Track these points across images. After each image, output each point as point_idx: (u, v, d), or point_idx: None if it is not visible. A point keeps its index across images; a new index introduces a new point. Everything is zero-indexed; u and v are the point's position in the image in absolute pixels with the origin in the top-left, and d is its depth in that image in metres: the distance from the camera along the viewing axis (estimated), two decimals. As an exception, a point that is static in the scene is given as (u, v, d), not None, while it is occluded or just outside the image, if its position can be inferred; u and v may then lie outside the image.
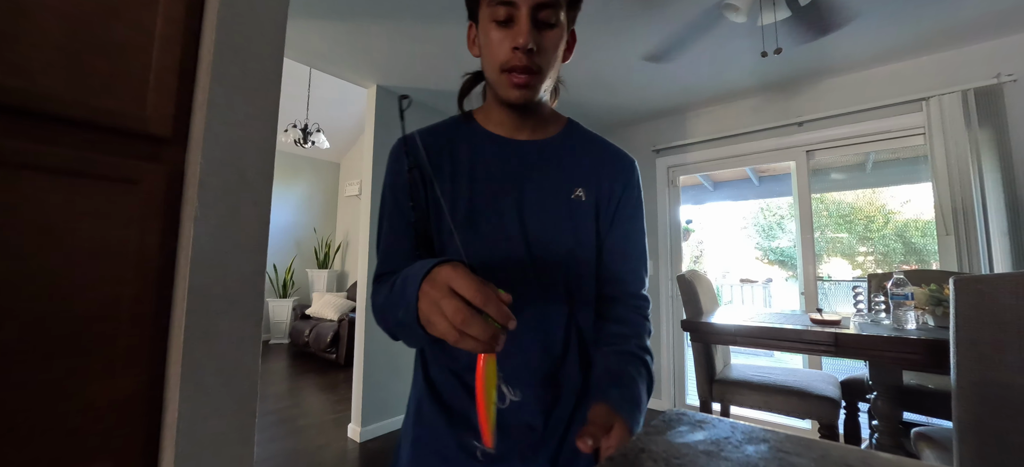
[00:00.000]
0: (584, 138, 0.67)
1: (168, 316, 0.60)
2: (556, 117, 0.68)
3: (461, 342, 0.38)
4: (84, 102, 0.54)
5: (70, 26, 0.54)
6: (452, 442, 0.57)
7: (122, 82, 0.57)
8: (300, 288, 5.72)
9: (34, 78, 0.51)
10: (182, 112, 0.62)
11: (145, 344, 0.58)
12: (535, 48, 0.53)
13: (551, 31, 0.55)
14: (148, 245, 0.58)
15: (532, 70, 0.54)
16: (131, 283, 0.57)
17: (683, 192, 3.46)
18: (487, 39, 0.56)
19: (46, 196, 0.51)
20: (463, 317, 0.37)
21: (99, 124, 0.55)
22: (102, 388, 0.55)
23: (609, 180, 0.64)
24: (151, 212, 0.59)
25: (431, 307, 0.40)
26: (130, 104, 0.57)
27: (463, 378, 0.58)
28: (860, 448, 0.37)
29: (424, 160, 0.61)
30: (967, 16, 2.04)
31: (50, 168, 0.52)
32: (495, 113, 0.63)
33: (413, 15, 2.05)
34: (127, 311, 0.57)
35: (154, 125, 0.59)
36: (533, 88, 0.56)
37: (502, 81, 0.56)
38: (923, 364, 1.27)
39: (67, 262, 0.52)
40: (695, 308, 1.93)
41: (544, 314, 0.59)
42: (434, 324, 0.40)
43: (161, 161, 0.61)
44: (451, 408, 0.58)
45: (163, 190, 0.60)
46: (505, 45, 0.54)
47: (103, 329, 0.55)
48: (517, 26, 0.53)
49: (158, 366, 0.59)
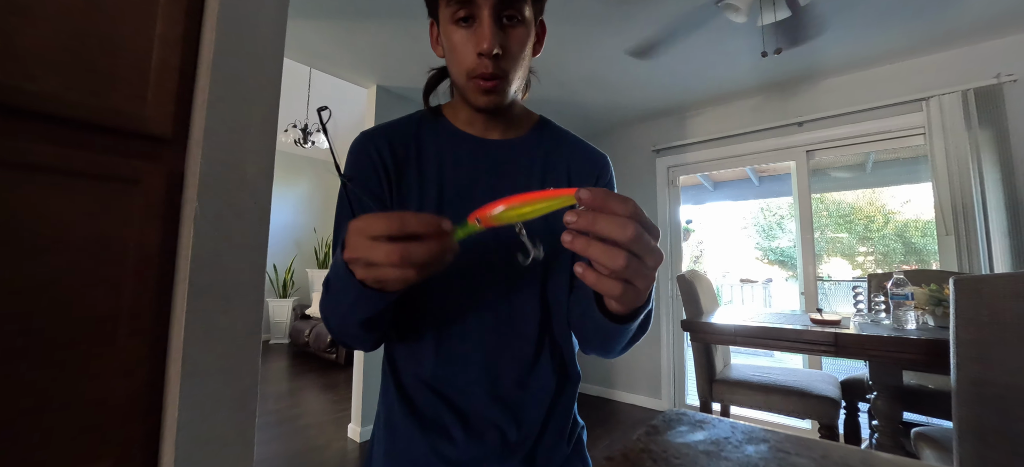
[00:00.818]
0: (556, 136, 0.65)
1: (168, 316, 0.60)
2: (527, 115, 0.65)
3: (421, 274, 0.34)
4: (84, 102, 0.54)
5: (70, 26, 0.54)
6: (425, 449, 0.55)
7: (122, 82, 0.57)
8: (300, 288, 5.72)
9: (34, 78, 0.51)
10: (182, 112, 0.62)
11: (145, 344, 0.58)
12: (500, 51, 0.50)
13: (517, 29, 0.51)
14: (148, 245, 0.58)
15: (499, 75, 0.51)
16: (131, 283, 0.57)
17: (683, 192, 3.46)
18: (449, 42, 0.52)
19: (46, 196, 0.51)
20: (400, 252, 0.33)
21: (99, 124, 0.55)
22: (102, 388, 0.55)
23: (581, 179, 0.63)
24: (151, 212, 0.59)
25: (366, 268, 0.36)
26: (130, 104, 0.57)
27: (433, 384, 0.56)
28: (860, 448, 0.37)
29: (384, 161, 0.57)
30: (967, 16, 2.04)
31: (50, 168, 0.52)
32: (463, 111, 0.61)
33: (413, 15, 2.05)
34: (127, 311, 0.57)
35: (154, 125, 0.59)
36: (502, 92, 0.53)
37: (469, 87, 0.53)
38: (923, 364, 1.27)
39: (67, 262, 0.52)
40: (695, 308, 1.93)
41: (515, 317, 0.57)
42: (385, 280, 0.36)
43: (161, 161, 0.61)
44: (423, 415, 0.56)
45: (163, 190, 0.60)
46: (469, 49, 0.51)
47: (103, 329, 0.55)
48: (479, 28, 0.49)
49: (158, 366, 0.59)
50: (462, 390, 0.56)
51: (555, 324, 0.60)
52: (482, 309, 0.56)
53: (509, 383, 0.56)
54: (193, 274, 0.59)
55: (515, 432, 0.56)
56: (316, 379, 3.93)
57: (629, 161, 3.53)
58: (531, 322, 0.58)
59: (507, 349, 0.57)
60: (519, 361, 0.57)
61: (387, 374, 0.61)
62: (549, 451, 0.58)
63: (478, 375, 0.56)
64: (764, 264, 6.90)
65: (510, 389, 0.56)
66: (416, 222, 0.33)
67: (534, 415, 0.57)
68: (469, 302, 0.56)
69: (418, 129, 0.61)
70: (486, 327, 0.56)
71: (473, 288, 0.56)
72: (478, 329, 0.56)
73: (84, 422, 0.53)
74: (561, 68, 2.57)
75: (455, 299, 0.56)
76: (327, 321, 0.52)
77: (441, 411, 0.56)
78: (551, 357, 0.59)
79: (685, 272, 2.03)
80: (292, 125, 3.91)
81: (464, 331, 0.56)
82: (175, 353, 0.59)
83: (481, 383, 0.56)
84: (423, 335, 0.57)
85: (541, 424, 0.58)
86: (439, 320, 0.56)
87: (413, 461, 0.55)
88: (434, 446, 0.55)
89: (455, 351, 0.56)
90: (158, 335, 0.59)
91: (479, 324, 0.56)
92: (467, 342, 0.56)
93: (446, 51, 0.55)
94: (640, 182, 3.48)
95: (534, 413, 0.57)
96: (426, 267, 0.34)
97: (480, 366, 0.56)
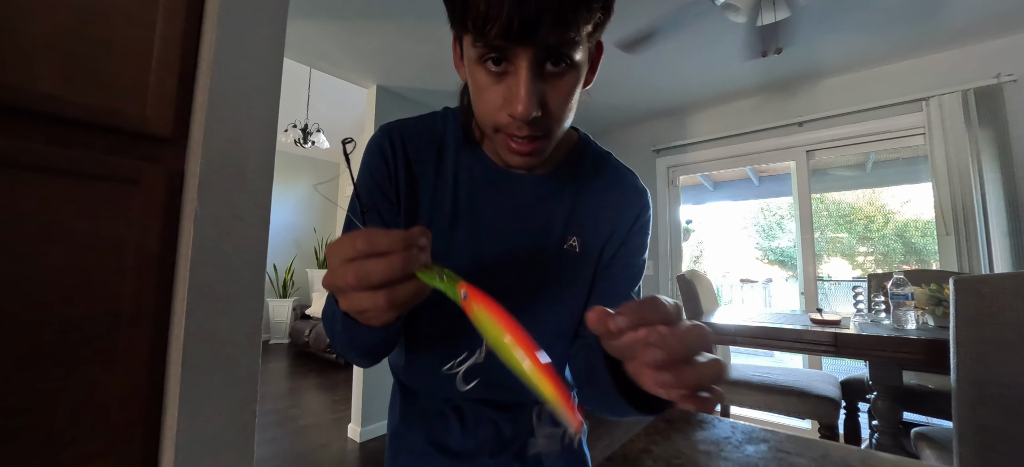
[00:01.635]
0: (592, 167, 0.57)
1: (168, 316, 0.60)
2: (564, 137, 0.54)
3: (394, 302, 0.29)
4: (84, 102, 0.54)
5: (70, 26, 0.54)
6: (422, 439, 0.57)
7: (122, 82, 0.57)
8: (300, 288, 5.72)
9: (34, 78, 0.51)
10: (182, 112, 0.62)
11: (145, 344, 0.58)
12: (540, 112, 0.39)
13: (565, 77, 0.39)
14: (148, 245, 0.58)
15: (536, 137, 0.41)
16: (131, 283, 0.57)
17: (683, 192, 3.46)
18: (475, 83, 0.41)
19: (46, 196, 0.51)
20: (356, 271, 0.28)
21: (99, 124, 0.55)
22: (102, 388, 0.55)
23: (614, 223, 0.55)
24: (151, 212, 0.59)
25: (346, 298, 0.30)
26: (130, 104, 0.57)
27: (426, 378, 0.58)
28: (860, 448, 0.37)
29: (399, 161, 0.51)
30: (967, 16, 2.04)
31: (50, 168, 0.52)
32: None
33: (413, 15, 2.05)
34: (127, 311, 0.57)
35: (154, 125, 0.59)
36: (539, 155, 0.44)
37: (498, 141, 0.44)
38: (923, 364, 1.27)
39: (67, 262, 0.52)
40: (695, 308, 1.93)
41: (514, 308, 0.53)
42: (364, 310, 0.30)
43: (161, 161, 0.61)
44: (424, 408, 0.58)
45: (163, 190, 0.60)
46: (497, 102, 0.40)
47: (103, 329, 0.55)
48: (514, 83, 0.38)
49: (158, 366, 0.59)
50: (456, 388, 0.55)
51: (555, 343, 0.56)
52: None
53: (504, 383, 0.54)
54: (193, 274, 0.59)
55: (509, 428, 0.57)
56: (316, 379, 3.93)
57: (629, 161, 3.50)
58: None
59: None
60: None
61: (392, 368, 0.63)
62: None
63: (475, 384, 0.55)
64: (764, 264, 6.90)
65: (505, 389, 0.56)
66: (386, 240, 0.28)
67: (527, 413, 0.59)
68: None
69: (444, 136, 0.53)
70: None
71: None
72: (469, 333, 0.52)
73: (84, 422, 0.53)
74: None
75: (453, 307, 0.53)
76: (333, 339, 0.48)
77: (439, 404, 0.58)
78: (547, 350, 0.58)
79: (685, 272, 2.03)
80: (292, 125, 3.91)
81: (462, 333, 0.53)
82: (175, 353, 0.59)
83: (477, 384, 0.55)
84: (421, 336, 0.56)
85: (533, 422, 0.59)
86: (438, 323, 0.54)
87: (411, 449, 0.58)
88: (431, 436, 0.57)
89: (448, 352, 0.54)
90: (158, 335, 0.59)
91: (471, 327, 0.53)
92: (460, 343, 0.53)
93: (471, 89, 0.44)
94: (640, 182, 3.48)
95: (528, 411, 0.59)
96: (395, 295, 0.29)
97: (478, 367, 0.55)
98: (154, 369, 0.59)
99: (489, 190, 0.53)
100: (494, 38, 0.35)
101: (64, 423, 0.52)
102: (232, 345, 0.63)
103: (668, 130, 3.37)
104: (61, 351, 0.52)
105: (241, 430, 0.64)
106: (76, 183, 0.53)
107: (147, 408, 0.58)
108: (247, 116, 0.66)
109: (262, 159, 0.68)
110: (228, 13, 0.64)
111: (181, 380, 0.58)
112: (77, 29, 0.54)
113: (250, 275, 0.66)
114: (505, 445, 0.58)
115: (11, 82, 0.49)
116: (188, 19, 0.63)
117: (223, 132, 0.63)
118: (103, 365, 0.55)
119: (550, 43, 0.36)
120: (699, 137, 3.19)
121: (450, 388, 0.54)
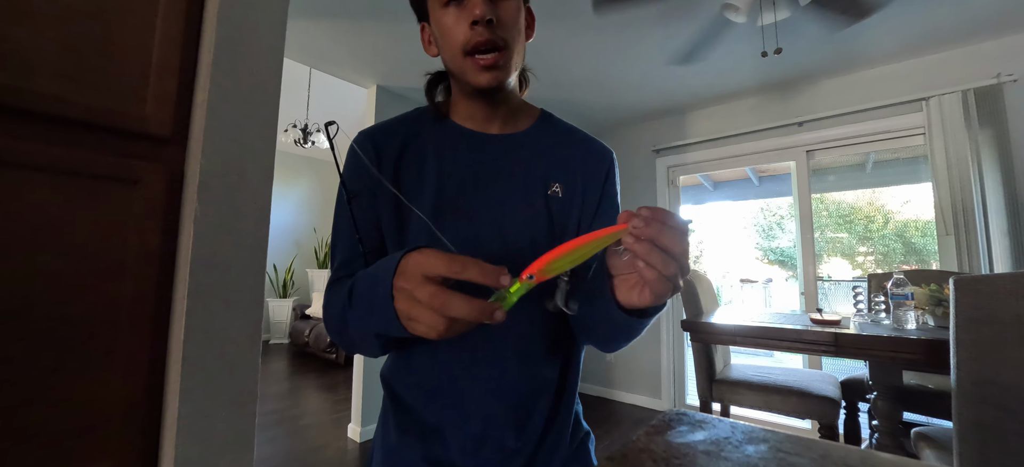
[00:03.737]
0: (559, 129, 0.63)
1: (168, 316, 0.60)
2: (528, 108, 0.63)
3: (451, 330, 0.34)
4: (84, 102, 0.54)
5: (70, 26, 0.54)
6: (420, 458, 0.54)
7: (122, 82, 0.57)
8: (300, 288, 5.72)
9: (34, 78, 0.51)
10: (182, 112, 0.62)
11: (145, 344, 0.58)
12: (494, 19, 0.48)
13: (507, 2, 0.51)
14: (148, 245, 0.58)
15: (498, 45, 0.50)
16: (131, 283, 0.57)
17: (683, 192, 3.46)
18: (441, 27, 0.51)
19: (46, 196, 0.51)
20: (441, 299, 0.33)
21: (99, 124, 0.55)
22: (102, 388, 0.55)
23: (589, 172, 0.60)
24: (151, 212, 0.59)
25: (408, 302, 0.35)
26: (130, 104, 0.57)
27: (427, 388, 0.55)
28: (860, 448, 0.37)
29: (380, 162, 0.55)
30: (967, 16, 2.04)
31: (50, 168, 0.52)
32: (463, 106, 0.58)
33: (413, 15, 2.05)
34: (127, 311, 0.57)
35: (154, 125, 0.59)
36: (503, 67, 0.51)
37: (467, 66, 0.51)
38: (923, 364, 1.27)
39: (67, 262, 0.52)
40: (695, 308, 1.93)
41: (520, 317, 0.53)
42: (416, 320, 0.35)
43: (161, 161, 0.61)
44: (422, 422, 0.55)
45: (163, 190, 0.60)
46: (462, 25, 0.49)
47: (103, 329, 0.55)
48: (471, 1, 0.48)
49: (158, 366, 0.59)
50: (459, 398, 0.54)
51: (556, 329, 0.58)
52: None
53: (514, 394, 0.55)
54: (193, 274, 0.59)
55: (513, 440, 0.54)
56: (316, 379, 3.93)
57: (629, 161, 3.53)
58: (536, 321, 0.56)
59: (513, 354, 0.55)
60: (527, 366, 0.55)
61: (384, 381, 0.60)
62: (549, 455, 0.57)
63: (475, 383, 0.54)
64: (764, 264, 6.90)
65: (512, 400, 0.55)
66: (476, 271, 0.33)
67: (533, 427, 0.56)
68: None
69: (417, 125, 0.59)
70: (484, 335, 0.54)
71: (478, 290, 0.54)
72: (474, 337, 0.54)
73: (84, 422, 0.53)
74: (560, 68, 2.57)
75: None
76: (332, 322, 0.51)
77: (439, 417, 0.55)
78: (551, 359, 0.58)
79: (685, 272, 2.03)
80: (292, 125, 3.91)
81: (461, 338, 0.53)
82: (175, 353, 0.59)
83: (479, 391, 0.54)
84: (420, 343, 0.55)
85: (541, 432, 0.56)
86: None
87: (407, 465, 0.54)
88: (429, 454, 0.54)
89: (452, 359, 0.55)
90: (158, 335, 0.59)
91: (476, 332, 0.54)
92: (464, 350, 0.54)
93: (438, 40, 0.53)
94: (640, 182, 3.48)
95: (535, 420, 0.56)
96: (457, 324, 0.34)
97: (478, 374, 0.54)
98: (154, 369, 0.59)
99: (468, 154, 0.57)
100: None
101: (64, 423, 0.52)
102: (232, 345, 0.63)
103: (668, 130, 3.37)
104: (61, 351, 0.52)
105: (241, 430, 0.64)
106: (76, 183, 0.53)
107: (147, 408, 0.58)
108: (247, 116, 0.66)
109: (262, 159, 0.68)
110: (228, 13, 0.64)
111: (181, 380, 0.58)
112: (77, 29, 0.54)
113: (250, 275, 0.66)
114: (509, 458, 0.55)
115: (11, 82, 0.49)
116: (188, 19, 0.63)
117: (223, 132, 0.63)
118: (103, 365, 0.55)
119: None
120: (699, 137, 3.19)
121: (443, 386, 0.54)
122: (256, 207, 0.67)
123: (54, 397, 0.52)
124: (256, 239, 0.67)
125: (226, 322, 0.63)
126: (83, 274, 0.54)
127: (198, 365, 0.59)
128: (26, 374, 0.50)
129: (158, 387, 0.59)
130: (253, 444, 0.65)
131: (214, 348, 0.61)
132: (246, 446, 0.64)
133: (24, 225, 0.50)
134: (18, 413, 0.49)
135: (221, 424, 0.62)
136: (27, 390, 0.50)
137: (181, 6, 0.62)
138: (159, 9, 0.61)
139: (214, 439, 0.61)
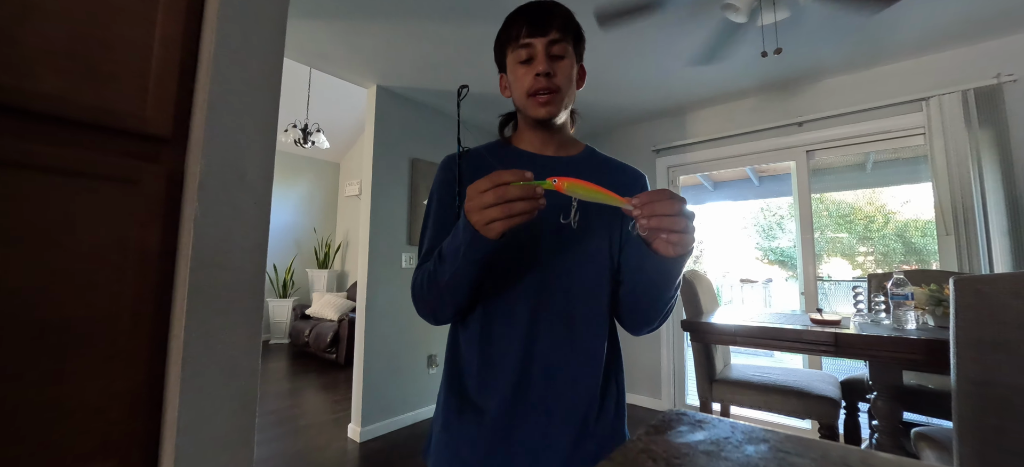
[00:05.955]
0: (601, 158, 0.81)
1: (168, 316, 0.60)
2: (575, 142, 0.81)
3: (514, 212, 0.50)
4: (84, 102, 0.54)
5: (70, 26, 0.54)
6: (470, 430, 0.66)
7: (122, 82, 0.57)
8: (300, 288, 5.72)
9: (34, 78, 0.51)
10: (182, 112, 0.62)
11: (145, 344, 0.58)
12: (552, 72, 0.68)
13: (563, 61, 0.70)
14: (148, 245, 0.58)
15: (552, 89, 0.68)
16: (131, 283, 0.57)
17: (683, 192, 3.46)
18: (515, 76, 0.71)
19: (46, 196, 0.51)
20: (499, 191, 0.50)
21: (99, 124, 0.55)
22: (103, 388, 0.55)
23: (626, 191, 0.72)
24: (151, 212, 0.59)
25: (478, 213, 0.52)
26: (130, 104, 0.57)
27: (485, 360, 0.68)
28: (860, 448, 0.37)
29: (460, 177, 0.72)
30: (967, 15, 2.04)
31: (50, 168, 0.52)
32: (526, 135, 0.77)
33: (413, 15, 2.05)
34: (127, 311, 0.57)
35: (154, 125, 0.59)
36: (555, 104, 0.69)
37: (529, 104, 0.70)
38: (923, 364, 1.27)
39: (67, 262, 0.52)
40: (695, 308, 1.93)
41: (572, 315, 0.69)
42: (490, 219, 0.51)
43: (161, 161, 0.61)
44: (464, 393, 0.68)
45: (163, 190, 0.60)
46: (528, 76, 0.69)
47: (103, 329, 0.55)
48: (536, 60, 0.68)
49: (158, 366, 0.59)
50: (512, 366, 0.66)
51: (600, 281, 0.71)
52: (527, 290, 0.68)
53: (559, 358, 0.67)
54: (193, 274, 0.59)
55: (568, 401, 0.66)
56: (316, 379, 3.93)
57: (629, 161, 3.49)
58: (579, 299, 0.69)
59: (557, 324, 0.68)
60: (571, 334, 0.68)
61: (446, 361, 0.73)
62: (597, 417, 0.68)
63: (526, 351, 0.66)
64: (764, 264, 6.90)
65: (560, 364, 0.67)
66: (510, 174, 0.51)
67: (588, 385, 0.67)
68: (516, 287, 0.68)
69: (489, 152, 0.76)
70: (533, 305, 0.67)
71: (518, 270, 0.68)
72: (525, 309, 0.67)
73: (84, 422, 0.53)
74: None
75: (503, 282, 0.68)
76: (420, 290, 0.66)
77: (485, 387, 0.67)
78: (598, 328, 0.70)
79: (685, 272, 2.03)
80: (292, 125, 3.91)
81: (512, 313, 0.67)
82: (175, 353, 0.59)
83: (530, 359, 0.66)
84: (477, 317, 0.68)
85: (595, 392, 0.68)
86: (490, 306, 0.68)
87: (471, 440, 0.66)
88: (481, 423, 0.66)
89: (504, 331, 0.67)
90: (158, 335, 0.59)
91: (526, 304, 0.67)
92: (515, 323, 0.67)
93: (511, 85, 0.73)
94: (640, 182, 3.48)
95: (588, 382, 0.68)
96: (518, 204, 0.50)
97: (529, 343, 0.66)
98: (154, 369, 0.59)
99: (524, 166, 0.71)
100: (524, 36, 0.69)
101: (64, 423, 0.52)
102: (232, 345, 0.63)
103: (668, 130, 3.37)
104: (61, 351, 0.52)
105: (241, 430, 0.64)
106: (75, 183, 0.53)
107: (147, 408, 0.58)
108: (247, 116, 0.66)
109: (262, 159, 0.68)
110: (228, 13, 0.64)
111: (181, 380, 0.58)
112: (77, 29, 0.54)
113: (250, 275, 0.66)
114: (564, 419, 0.66)
115: (11, 82, 0.49)
116: (188, 19, 0.63)
117: (223, 132, 0.63)
118: (103, 365, 0.55)
119: (551, 39, 0.69)
120: (699, 137, 3.19)
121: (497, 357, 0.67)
122: (256, 207, 0.67)
123: (54, 397, 0.52)
124: (256, 239, 0.67)
125: (226, 322, 0.63)
126: (83, 274, 0.54)
127: (198, 365, 0.59)
128: (26, 374, 0.50)
129: (158, 387, 0.59)
130: (253, 444, 0.65)
131: (214, 348, 0.61)
132: (246, 446, 0.64)
133: (24, 225, 0.50)
134: (18, 413, 0.49)
135: (221, 424, 0.62)
136: (27, 390, 0.50)
137: (181, 6, 0.62)
138: (159, 9, 0.61)
139: (214, 439, 0.61)
